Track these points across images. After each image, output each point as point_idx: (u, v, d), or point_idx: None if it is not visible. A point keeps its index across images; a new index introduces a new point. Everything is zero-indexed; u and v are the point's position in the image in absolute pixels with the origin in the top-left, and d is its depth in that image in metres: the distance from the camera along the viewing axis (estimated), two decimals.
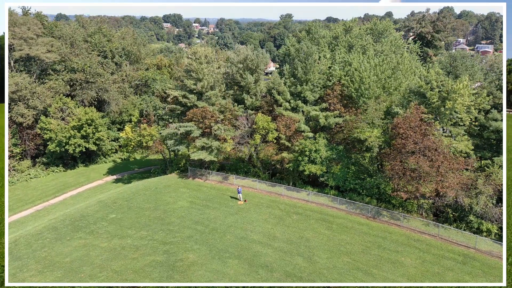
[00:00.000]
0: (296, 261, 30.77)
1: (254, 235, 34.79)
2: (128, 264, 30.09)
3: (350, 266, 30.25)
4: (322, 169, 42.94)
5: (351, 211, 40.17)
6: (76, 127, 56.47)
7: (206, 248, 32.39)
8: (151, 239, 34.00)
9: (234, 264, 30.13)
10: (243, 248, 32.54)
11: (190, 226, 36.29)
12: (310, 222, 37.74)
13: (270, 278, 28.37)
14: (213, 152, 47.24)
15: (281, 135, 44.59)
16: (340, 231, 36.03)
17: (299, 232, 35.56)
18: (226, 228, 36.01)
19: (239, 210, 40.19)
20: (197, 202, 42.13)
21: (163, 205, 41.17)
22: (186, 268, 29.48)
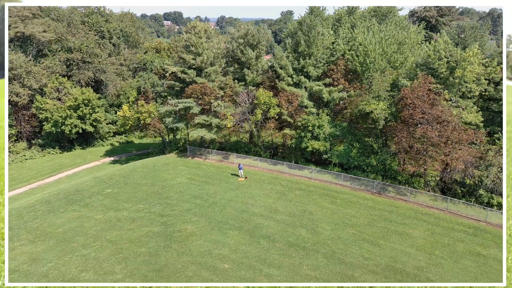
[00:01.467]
0: (299, 232, 29.50)
1: (255, 208, 33.51)
2: (124, 234, 28.82)
3: (356, 237, 28.97)
4: (325, 145, 41.62)
5: (355, 187, 38.86)
6: (73, 107, 55.13)
7: (205, 220, 31.13)
8: (148, 211, 32.72)
9: (234, 235, 28.87)
10: (244, 220, 31.28)
11: (188, 200, 35.02)
12: (313, 197, 36.45)
13: (272, 248, 27.09)
14: (213, 129, 45.90)
15: (283, 110, 43.22)
16: (344, 205, 34.74)
17: (301, 206, 34.27)
18: (226, 202, 34.73)
19: (240, 186, 38.89)
20: (196, 178, 40.84)
21: (161, 181, 39.87)
22: (184, 238, 28.21)
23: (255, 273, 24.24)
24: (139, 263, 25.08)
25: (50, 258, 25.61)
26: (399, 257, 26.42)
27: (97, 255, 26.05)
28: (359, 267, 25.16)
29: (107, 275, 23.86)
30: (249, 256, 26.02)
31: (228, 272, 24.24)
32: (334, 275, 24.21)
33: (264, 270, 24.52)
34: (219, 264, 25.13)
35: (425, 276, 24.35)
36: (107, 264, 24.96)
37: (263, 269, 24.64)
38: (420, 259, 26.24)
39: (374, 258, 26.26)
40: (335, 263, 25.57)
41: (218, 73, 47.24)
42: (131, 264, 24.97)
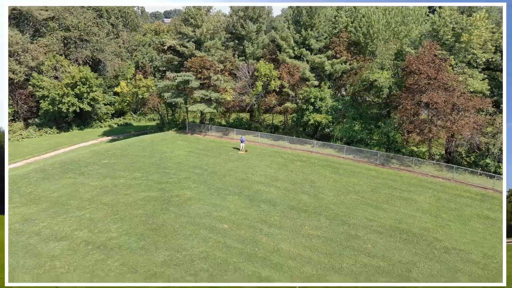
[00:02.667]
0: (301, 197, 28.63)
1: (255, 177, 32.64)
2: (120, 198, 27.97)
3: (359, 202, 28.09)
4: (327, 118, 40.69)
5: (358, 159, 37.99)
6: (70, 85, 54.14)
7: (204, 187, 30.28)
8: (145, 179, 31.86)
9: (234, 200, 28.01)
10: (244, 187, 30.41)
11: (187, 170, 34.15)
12: (315, 168, 35.58)
13: (272, 211, 26.23)
14: (212, 104, 44.98)
15: (284, 83, 42.27)
16: (347, 175, 33.86)
17: (303, 175, 33.40)
18: (225, 171, 33.87)
19: (240, 158, 38.02)
20: (195, 151, 39.97)
21: (159, 154, 39.01)
22: (183, 202, 27.37)
23: (255, 232, 23.40)
24: (135, 223, 24.25)
25: (43, 219, 24.79)
26: (404, 219, 25.56)
27: (92, 216, 25.22)
28: (362, 228, 24.30)
29: (102, 233, 23.03)
30: (249, 218, 25.17)
31: (227, 231, 23.40)
32: (337, 234, 23.35)
33: (264, 230, 23.68)
34: (218, 224, 24.29)
35: (432, 236, 23.48)
36: (102, 224, 24.14)
37: (263, 229, 23.80)
38: (427, 221, 25.37)
39: (378, 220, 25.41)
40: (338, 224, 24.71)
41: (218, 48, 46.27)
42: (127, 224, 24.14)
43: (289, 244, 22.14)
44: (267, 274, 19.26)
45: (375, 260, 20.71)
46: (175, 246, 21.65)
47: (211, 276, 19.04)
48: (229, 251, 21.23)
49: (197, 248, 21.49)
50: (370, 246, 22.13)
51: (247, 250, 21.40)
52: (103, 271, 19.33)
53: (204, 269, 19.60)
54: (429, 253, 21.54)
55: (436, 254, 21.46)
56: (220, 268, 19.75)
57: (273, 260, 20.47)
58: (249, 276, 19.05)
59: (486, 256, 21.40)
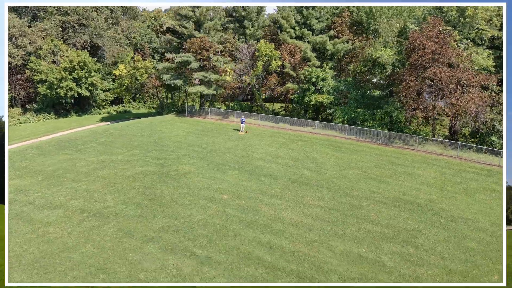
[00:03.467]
0: (302, 172, 27.99)
1: (256, 154, 32.01)
2: (118, 172, 27.35)
3: (362, 176, 27.45)
4: (329, 98, 39.99)
5: (361, 140, 37.37)
6: (68, 69, 53.44)
7: (204, 163, 29.64)
8: (143, 155, 31.24)
9: (234, 174, 27.38)
10: (244, 163, 29.77)
11: (186, 148, 33.53)
12: (316, 146, 34.95)
13: (273, 184, 25.59)
14: (212, 86, 44.32)
15: (285, 63, 41.57)
16: (349, 153, 33.22)
17: (304, 153, 32.76)
18: (225, 149, 33.24)
19: (240, 138, 37.39)
20: (195, 132, 39.34)
21: (158, 134, 38.38)
22: (181, 176, 26.73)
23: (255, 202, 22.77)
24: (132, 194, 23.63)
25: (37, 189, 24.19)
26: (409, 192, 24.92)
27: (88, 187, 24.61)
28: (366, 199, 23.66)
29: (98, 202, 22.42)
30: (250, 190, 24.54)
31: (226, 201, 22.78)
32: (339, 204, 22.71)
33: (265, 200, 23.05)
34: (218, 195, 23.67)
35: (438, 206, 22.84)
36: (98, 194, 23.54)
37: (264, 199, 23.17)
38: (432, 193, 24.74)
39: (382, 192, 24.77)
40: (341, 195, 24.07)
41: (218, 29, 45.56)
42: (124, 194, 23.53)
43: (291, 213, 21.51)
44: (268, 240, 18.65)
45: (379, 227, 20.08)
46: (173, 214, 21.04)
47: (210, 241, 18.43)
48: (228, 219, 20.62)
49: (196, 216, 20.87)
50: (374, 215, 21.50)
51: (248, 218, 20.79)
52: (99, 236, 18.72)
53: (203, 235, 18.99)
54: (435, 222, 20.91)
55: (443, 222, 20.82)
56: (219, 233, 19.14)
57: (274, 227, 19.85)
58: (249, 241, 18.44)
59: (494, 224, 20.77)
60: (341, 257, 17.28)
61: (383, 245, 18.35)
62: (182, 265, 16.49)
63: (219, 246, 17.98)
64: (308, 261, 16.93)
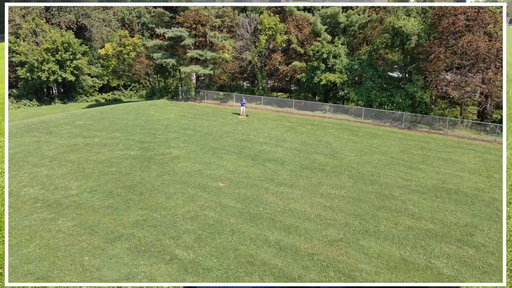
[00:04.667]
0: (315, 157, 23.36)
1: (258, 138, 27.40)
2: (91, 156, 22.70)
3: (388, 162, 22.82)
4: (342, 77, 35.31)
5: (379, 124, 32.78)
6: (50, 50, 48.85)
7: (196, 146, 25.03)
8: (125, 139, 26.61)
9: (232, 158, 22.76)
10: (245, 147, 25.16)
11: (177, 131, 28.91)
12: (329, 130, 30.35)
13: (281, 170, 20.96)
14: (208, 66, 39.66)
15: (291, 38, 36.88)
16: (368, 137, 28.61)
17: (315, 137, 28.14)
18: (222, 133, 28.63)
19: (240, 122, 32.78)
20: (188, 116, 34.72)
21: (146, 117, 33.75)
22: (168, 160, 22.11)
23: (259, 191, 18.15)
24: (104, 180, 19.02)
25: None
26: (449, 179, 20.28)
27: (51, 173, 19.98)
28: (398, 187, 19.03)
29: (58, 190, 17.79)
30: (252, 177, 19.93)
31: (222, 190, 18.16)
32: (365, 194, 18.08)
33: (271, 189, 18.43)
34: (211, 182, 19.05)
35: (489, 196, 18.20)
36: (60, 181, 18.90)
37: (270, 188, 18.55)
38: (477, 181, 20.10)
39: (416, 180, 20.13)
40: (366, 183, 19.44)
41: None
42: (93, 181, 18.91)
43: (304, 204, 16.90)
44: (277, 238, 14.04)
45: (422, 222, 15.44)
46: (153, 205, 16.43)
47: (198, 239, 13.82)
48: (224, 211, 16.01)
49: (182, 208, 16.26)
50: (412, 206, 16.86)
51: (249, 210, 16.18)
52: (49, 232, 14.10)
53: (190, 231, 14.38)
54: (492, 215, 16.28)
55: (501, 216, 16.15)
56: (211, 230, 14.52)
57: (284, 222, 15.23)
58: (251, 240, 13.83)
59: None
60: (379, 262, 12.66)
61: (433, 246, 13.73)
62: (157, 272, 11.90)
63: (210, 246, 13.38)
64: (334, 268, 12.33)
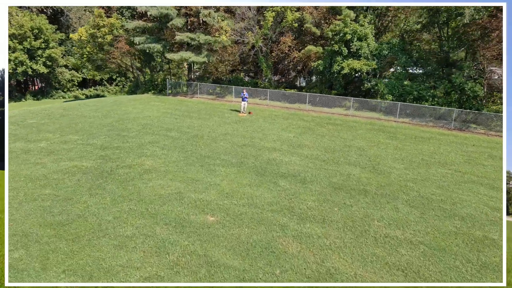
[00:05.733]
0: (348, 170, 16.42)
1: (266, 142, 20.49)
2: (24, 170, 15.81)
3: (457, 179, 15.85)
4: (370, 64, 28.37)
5: (420, 123, 25.91)
6: (17, 36, 42.02)
7: (179, 154, 18.10)
8: (83, 143, 19.68)
9: (229, 173, 15.80)
10: (248, 155, 18.24)
11: (157, 133, 21.99)
12: (358, 132, 23.44)
13: (302, 191, 14.02)
14: (202, 52, 32.78)
15: (305, 15, 29.95)
16: (412, 141, 21.69)
17: (342, 141, 21.22)
18: (218, 135, 21.72)
19: (241, 120, 25.87)
20: (175, 113, 27.82)
21: (120, 114, 26.85)
22: (135, 177, 15.15)
23: (271, 232, 11.21)
24: (25, 212, 12.13)
25: None
26: None
27: None
28: (491, 223, 12.06)
29: None
30: (259, 204, 12.98)
31: (212, 230, 11.21)
32: (447, 238, 11.14)
33: (291, 227, 11.49)
34: (196, 215, 12.11)
35: None
36: None
37: (288, 225, 11.60)
38: None
39: None
40: (439, 216, 12.49)
41: None
42: (10, 212, 11.94)
43: (351, 259, 9.98)
44: None
45: None
46: (87, 265, 9.48)
47: None
48: (212, 278, 9.06)
49: (138, 271, 9.31)
50: None
51: (256, 274, 9.23)
52: None
53: None
54: None
55: None
56: None
57: None
58: None
59: None
60: None
61: None
62: None
63: None
64: None
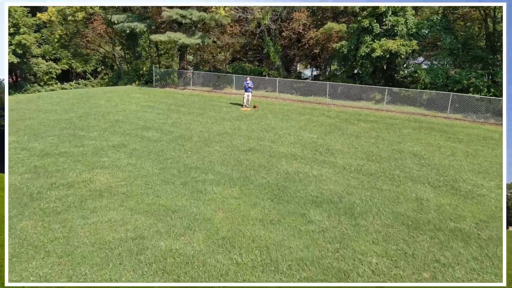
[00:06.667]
0: (417, 192, 10.48)
1: (279, 146, 14.53)
2: None
3: None
4: (409, 45, 22.38)
5: (478, 120, 19.96)
6: None
7: (155, 165, 12.18)
8: (19, 147, 13.83)
9: (229, 196, 9.82)
10: (256, 165, 12.31)
11: (128, 133, 16.02)
12: (403, 131, 17.47)
13: (356, 236, 8.00)
14: (196, 33, 26.86)
15: None
16: (482, 143, 15.79)
17: (388, 144, 15.26)
18: (212, 136, 15.76)
19: (243, 116, 19.90)
20: (158, 106, 21.82)
21: (86, 108, 20.87)
22: (74, 203, 9.20)
23: None
24: None
25: None
26: None
27: None
28: None
29: None
30: (283, 267, 6.95)
31: None
32: None
33: None
34: None
35: None
36: None
37: None
38: None
39: None
40: None
41: None
42: None
43: None
44: None
45: None
46: None
47: None
48: None
49: None
50: None
51: None
52: None
53: None
54: None
55: None
56: None
57: None
58: None
59: None
60: None
61: None
62: None
63: None
64: None
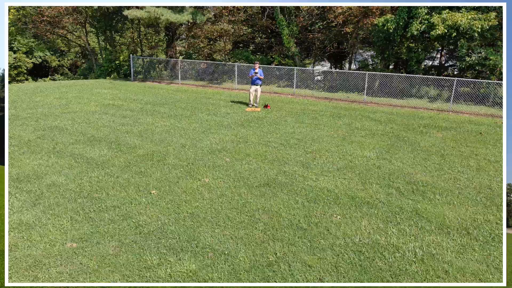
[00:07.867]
0: None
1: (320, 176, 8.03)
2: None
3: None
4: (488, 18, 15.90)
5: None
6: None
7: (84, 225, 5.62)
8: None
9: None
10: (280, 228, 5.73)
11: (60, 150, 9.59)
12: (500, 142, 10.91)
13: None
14: (185, 9, 20.48)
15: None
16: None
17: (491, 167, 8.73)
18: (201, 156, 9.32)
19: (251, 120, 13.43)
20: (129, 106, 15.35)
21: (23, 108, 14.48)
22: None
23: None
24: None
25: None
26: None
27: None
28: None
29: None
30: None
31: None
32: None
33: None
34: None
35: None
36: None
37: None
38: None
39: None
40: None
41: None
42: None
43: None
44: None
45: None
46: None
47: None
48: None
49: None
50: None
51: None
52: None
53: None
54: None
55: None
56: None
57: None
58: None
59: None
60: None
61: None
62: None
63: None
64: None
